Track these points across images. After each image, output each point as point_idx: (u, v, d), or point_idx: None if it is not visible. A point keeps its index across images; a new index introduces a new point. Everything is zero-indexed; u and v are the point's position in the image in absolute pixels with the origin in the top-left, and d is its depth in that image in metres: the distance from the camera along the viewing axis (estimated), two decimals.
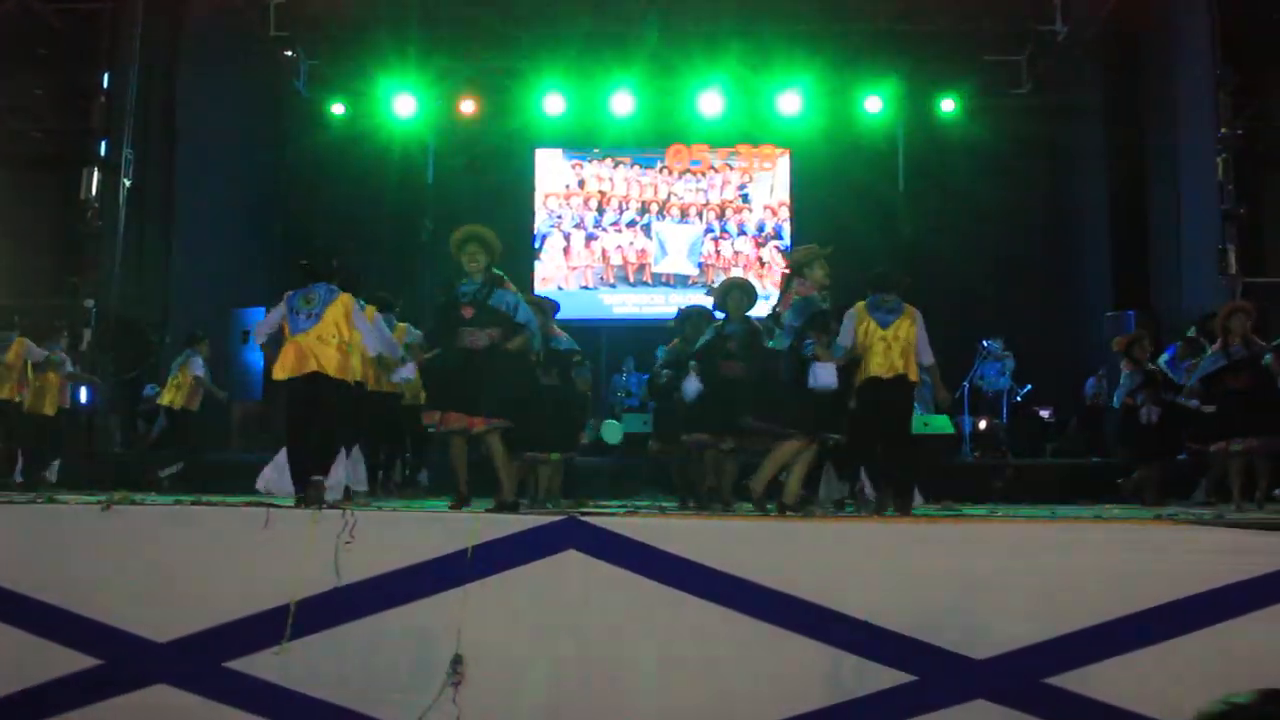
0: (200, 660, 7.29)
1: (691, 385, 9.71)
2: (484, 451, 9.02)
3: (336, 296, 9.02)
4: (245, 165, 18.94)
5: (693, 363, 9.84)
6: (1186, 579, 7.01)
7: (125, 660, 7.37)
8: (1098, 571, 7.12)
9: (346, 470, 10.42)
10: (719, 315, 9.98)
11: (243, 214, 18.80)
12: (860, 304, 9.59)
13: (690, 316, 10.65)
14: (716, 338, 9.77)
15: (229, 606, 7.36)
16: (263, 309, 16.12)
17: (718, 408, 9.43)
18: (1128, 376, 12.26)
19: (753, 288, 10.23)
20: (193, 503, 8.59)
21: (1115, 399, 12.62)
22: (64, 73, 15.61)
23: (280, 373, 8.90)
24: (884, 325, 9.41)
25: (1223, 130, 14.17)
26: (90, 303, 14.73)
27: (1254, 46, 14.43)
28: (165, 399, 13.60)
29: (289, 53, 19.34)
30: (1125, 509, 10.43)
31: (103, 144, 15.10)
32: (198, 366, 13.51)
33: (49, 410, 12.99)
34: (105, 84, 15.23)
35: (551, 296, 13.55)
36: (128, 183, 15.34)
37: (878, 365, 9.29)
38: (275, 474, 10.34)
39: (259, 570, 7.42)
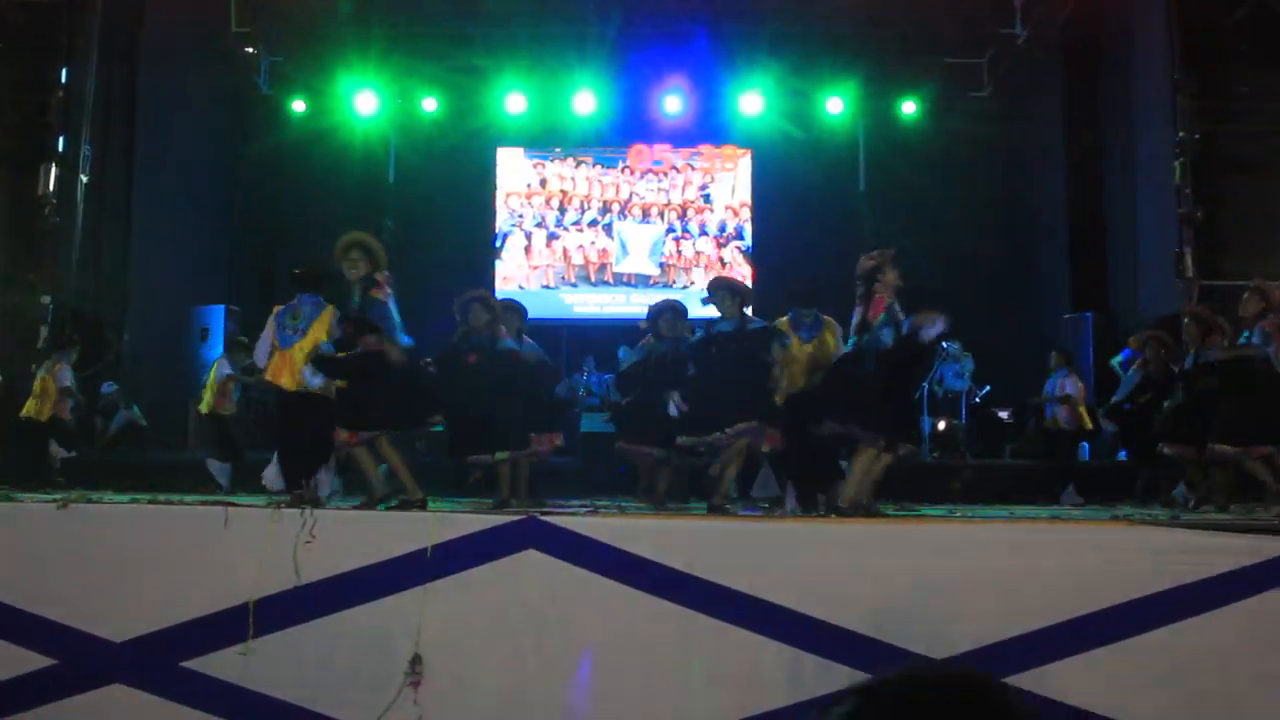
0: (157, 660, 7.26)
1: (672, 408, 9.79)
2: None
3: (323, 310, 9.27)
4: (205, 162, 18.83)
5: (674, 393, 9.90)
6: (1142, 579, 7.08)
7: (81, 660, 7.33)
8: (1055, 572, 7.19)
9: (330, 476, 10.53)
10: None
11: (202, 211, 18.70)
12: (784, 319, 9.83)
13: (663, 313, 10.55)
14: (705, 337, 9.76)
15: (187, 606, 7.33)
16: (222, 306, 16.12)
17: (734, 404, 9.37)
18: (1132, 375, 12.30)
19: (742, 288, 10.22)
20: (150, 502, 8.55)
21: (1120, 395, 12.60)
22: (21, 67, 15.43)
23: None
24: (807, 341, 9.68)
25: (1180, 134, 14.26)
26: (47, 299, 14.56)
27: (1212, 50, 14.53)
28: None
29: (250, 49, 19.21)
30: (1083, 510, 10.50)
31: (60, 140, 14.95)
32: (223, 369, 13.31)
33: (42, 417, 12.92)
34: (63, 79, 15.08)
35: (513, 296, 13.54)
36: (85, 179, 15.20)
37: (797, 380, 9.52)
38: (276, 472, 10.54)
39: (217, 570, 7.40)
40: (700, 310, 11.21)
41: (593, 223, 20.16)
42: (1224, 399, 10.08)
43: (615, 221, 20.15)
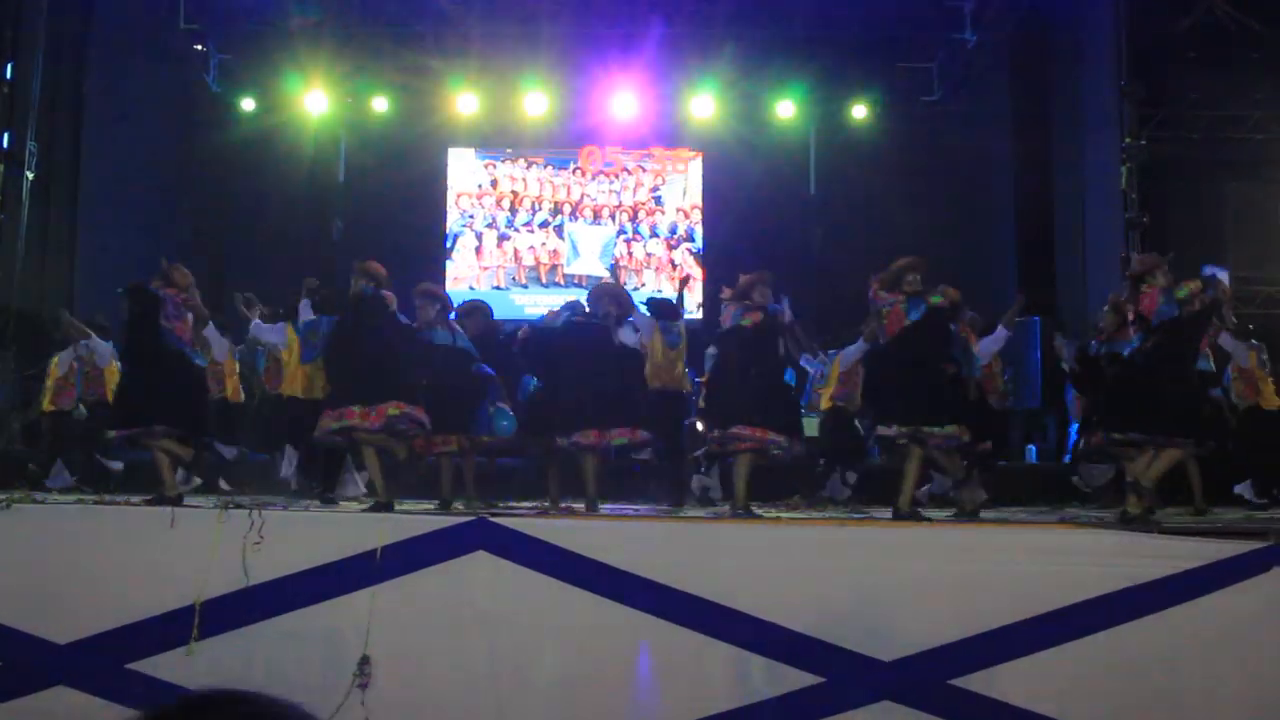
0: (102, 661, 7.20)
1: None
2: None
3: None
4: (153, 160, 18.64)
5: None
6: (1089, 582, 7.15)
7: (24, 662, 7.25)
8: (1003, 575, 7.24)
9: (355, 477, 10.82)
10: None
11: (150, 209, 18.50)
12: (655, 323, 10.38)
13: (756, 284, 10.01)
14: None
15: (133, 607, 7.28)
16: None
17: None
18: None
19: None
20: (96, 502, 8.48)
21: None
22: None
23: (291, 389, 10.83)
24: (673, 346, 10.43)
25: (1127, 140, 14.41)
26: None
27: (1159, 58, 14.69)
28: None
29: (199, 46, 19.08)
30: (1030, 512, 10.56)
31: (5, 136, 14.83)
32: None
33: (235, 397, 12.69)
34: (8, 74, 14.95)
35: (463, 296, 13.43)
36: (31, 175, 15.08)
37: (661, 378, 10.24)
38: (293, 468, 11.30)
39: (164, 570, 7.35)
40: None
41: (544, 224, 20.14)
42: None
43: (566, 223, 20.14)
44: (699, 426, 14.28)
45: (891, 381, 8.99)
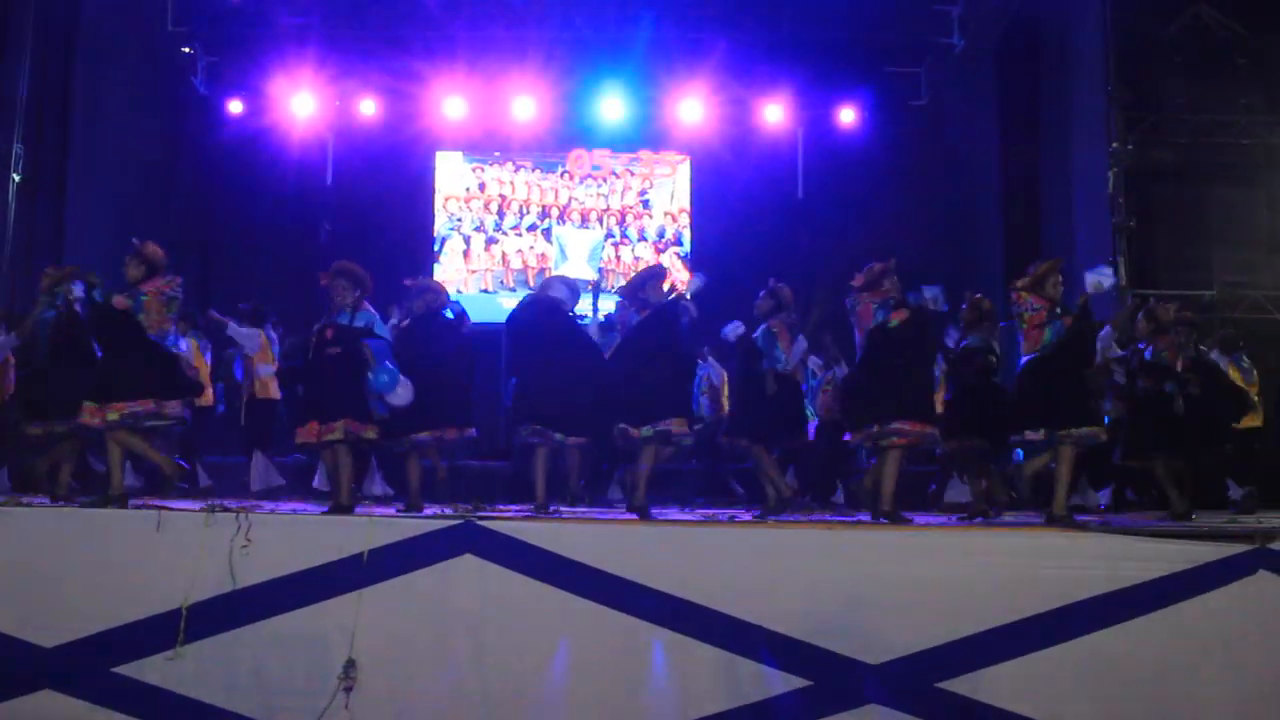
0: (88, 665, 7.19)
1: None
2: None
3: None
4: (140, 162, 18.57)
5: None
6: (1076, 585, 7.16)
7: (10, 666, 7.23)
8: (990, 577, 7.25)
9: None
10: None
11: (137, 212, 18.39)
12: None
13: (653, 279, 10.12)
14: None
15: (119, 611, 7.26)
16: None
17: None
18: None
19: None
20: (81, 505, 8.45)
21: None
22: None
23: (265, 393, 11.42)
24: None
25: (1114, 145, 14.44)
26: None
27: (1146, 63, 14.73)
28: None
29: (186, 49, 19.04)
30: (1017, 515, 10.57)
31: None
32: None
33: None
34: None
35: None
36: (17, 178, 15.03)
37: None
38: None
39: (150, 574, 7.33)
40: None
41: (531, 227, 20.13)
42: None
43: (554, 226, 20.13)
44: None
45: (1038, 388, 9.02)
